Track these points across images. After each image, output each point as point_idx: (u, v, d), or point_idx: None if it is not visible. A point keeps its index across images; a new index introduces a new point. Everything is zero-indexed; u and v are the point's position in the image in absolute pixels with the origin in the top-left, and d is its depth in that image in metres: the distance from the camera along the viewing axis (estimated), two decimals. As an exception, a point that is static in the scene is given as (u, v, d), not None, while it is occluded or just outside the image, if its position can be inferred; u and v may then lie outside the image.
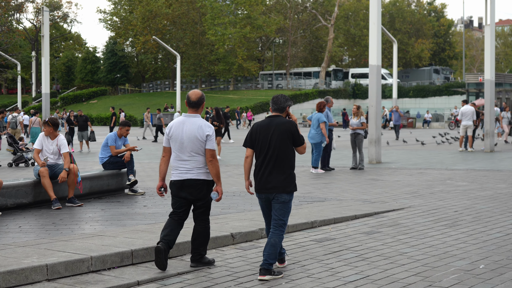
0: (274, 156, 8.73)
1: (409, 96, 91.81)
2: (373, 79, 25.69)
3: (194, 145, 8.80)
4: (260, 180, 8.78)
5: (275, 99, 9.02)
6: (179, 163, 8.92)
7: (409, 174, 20.90)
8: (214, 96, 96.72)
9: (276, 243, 8.67)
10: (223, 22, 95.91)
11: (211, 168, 8.83)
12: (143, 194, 15.87)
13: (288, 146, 8.79)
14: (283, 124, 8.80)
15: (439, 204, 14.19)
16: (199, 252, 9.12)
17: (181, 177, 8.93)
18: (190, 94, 8.97)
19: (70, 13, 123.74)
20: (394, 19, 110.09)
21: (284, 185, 8.71)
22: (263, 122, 8.93)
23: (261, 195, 8.85)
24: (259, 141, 8.84)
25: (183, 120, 8.92)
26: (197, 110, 8.97)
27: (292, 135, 8.79)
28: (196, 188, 8.89)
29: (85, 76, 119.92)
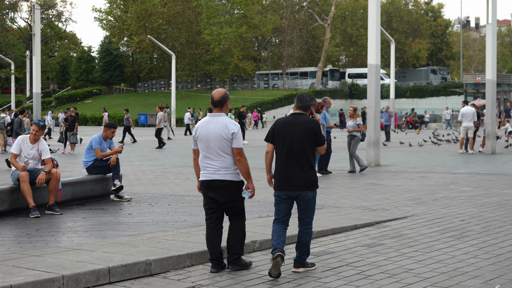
0: (296, 153, 8.74)
1: (406, 96, 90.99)
2: (372, 79, 24.81)
3: (221, 144, 8.73)
4: (282, 178, 8.78)
5: (300, 97, 9.02)
6: (207, 163, 8.84)
7: (410, 178, 20.02)
8: (209, 96, 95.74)
9: (307, 241, 8.86)
10: (218, 21, 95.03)
11: (240, 167, 8.78)
12: (129, 200, 14.96)
13: (310, 145, 8.79)
14: (307, 122, 8.82)
15: (444, 212, 13.30)
16: (236, 251, 8.90)
17: (208, 177, 8.82)
18: (213, 93, 8.94)
19: (64, 12, 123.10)
20: (391, 19, 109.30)
21: (307, 183, 8.72)
22: (286, 118, 8.97)
23: (282, 192, 8.78)
24: (280, 137, 8.83)
25: (208, 120, 8.87)
26: (221, 109, 8.87)
27: (314, 134, 8.81)
28: (223, 189, 8.77)
29: (80, 75, 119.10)
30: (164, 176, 21.16)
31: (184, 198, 15.28)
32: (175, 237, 10.28)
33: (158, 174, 22.07)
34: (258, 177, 19.38)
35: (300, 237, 8.89)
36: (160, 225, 11.55)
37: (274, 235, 8.82)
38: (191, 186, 17.92)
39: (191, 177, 20.85)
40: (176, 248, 9.39)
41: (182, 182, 19.13)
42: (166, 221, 11.97)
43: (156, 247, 9.45)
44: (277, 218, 8.93)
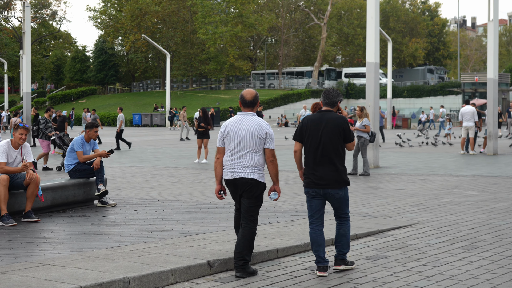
0: (326, 151, 8.69)
1: (403, 96, 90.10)
2: (371, 77, 23.90)
3: (253, 142, 8.65)
4: (313, 176, 8.74)
5: (326, 93, 8.98)
6: (233, 161, 8.73)
7: (411, 181, 19.10)
8: (205, 96, 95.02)
9: (346, 233, 8.86)
10: (214, 20, 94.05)
11: (271, 168, 8.72)
12: (114, 206, 14.02)
13: (339, 142, 8.74)
14: (335, 119, 8.77)
15: (450, 220, 12.38)
16: (243, 257, 8.64)
17: (233, 175, 8.71)
18: (244, 94, 8.86)
19: (59, 11, 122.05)
20: (388, 18, 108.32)
21: (337, 181, 8.70)
22: (314, 116, 8.87)
23: (312, 190, 8.75)
24: (309, 135, 8.77)
25: (240, 118, 8.78)
26: (253, 109, 8.84)
27: (343, 131, 8.76)
28: (248, 187, 8.67)
29: (74, 75, 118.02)
30: (154, 179, 20.24)
31: (172, 204, 14.34)
32: (158, 249, 9.36)
33: (148, 176, 21.15)
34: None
35: (339, 229, 8.94)
36: (144, 235, 10.62)
37: (313, 244, 8.82)
38: (181, 190, 17.00)
39: (182, 179, 19.95)
40: (158, 263, 8.46)
41: (172, 186, 18.21)
42: (151, 230, 11.04)
43: (136, 262, 8.52)
44: (310, 215, 8.92)
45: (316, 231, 8.85)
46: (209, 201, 14.74)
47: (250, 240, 8.73)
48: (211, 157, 28.12)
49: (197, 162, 26.13)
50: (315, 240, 8.81)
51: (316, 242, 8.79)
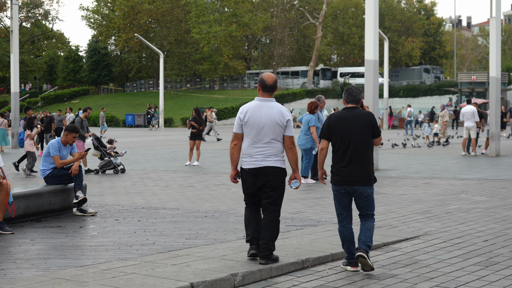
0: (356, 148, 8.63)
1: (399, 95, 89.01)
2: (370, 76, 22.82)
3: (275, 130, 8.50)
4: (342, 173, 8.65)
5: (350, 91, 8.90)
6: (255, 150, 8.55)
7: (414, 185, 18.00)
8: (199, 96, 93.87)
9: (371, 227, 8.77)
10: (208, 20, 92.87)
11: (291, 155, 8.60)
12: (94, 215, 12.88)
13: (369, 138, 8.71)
14: (364, 115, 8.75)
15: (461, 230, 11.28)
16: (269, 247, 8.54)
17: (257, 164, 8.52)
18: (265, 77, 8.69)
19: (51, 11, 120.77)
20: (383, 17, 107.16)
21: (367, 178, 8.66)
22: (341, 113, 8.79)
23: (341, 187, 8.69)
24: (338, 133, 8.67)
25: (260, 105, 8.58)
26: (272, 94, 8.69)
27: (372, 127, 8.73)
28: (273, 176, 8.53)
29: (67, 75, 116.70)
30: (142, 183, 19.14)
31: (158, 212, 13.23)
32: (136, 268, 8.23)
33: (135, 180, 20.06)
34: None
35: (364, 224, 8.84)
36: (122, 250, 9.50)
37: (344, 242, 8.79)
38: (168, 196, 15.89)
39: (172, 184, 18.86)
40: (134, 286, 7.34)
41: (160, 191, 17.09)
42: (130, 244, 9.92)
43: (108, 285, 7.40)
44: (338, 213, 8.88)
45: (347, 229, 8.78)
46: (197, 209, 13.64)
47: (276, 229, 8.64)
48: (202, 159, 27.02)
49: (189, 164, 24.99)
50: (347, 237, 8.75)
51: (348, 239, 8.74)
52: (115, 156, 22.62)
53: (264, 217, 8.66)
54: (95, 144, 22.59)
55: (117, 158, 22.64)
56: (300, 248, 9.55)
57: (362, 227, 8.81)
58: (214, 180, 19.71)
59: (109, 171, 22.56)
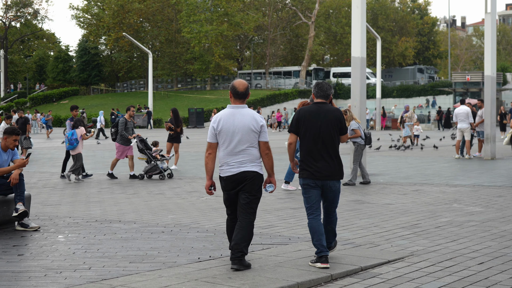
0: (325, 143, 8.72)
1: (392, 96, 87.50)
2: (357, 74, 21.31)
3: (249, 137, 8.45)
4: (312, 167, 8.70)
5: (320, 86, 8.96)
6: (231, 158, 8.49)
7: (402, 192, 16.49)
8: (190, 97, 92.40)
9: (333, 228, 9.03)
10: (199, 19, 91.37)
11: (267, 161, 8.56)
12: (37, 230, 11.35)
13: (337, 134, 8.82)
14: (333, 111, 8.85)
15: (453, 249, 9.75)
16: (241, 249, 8.35)
17: (234, 171, 8.46)
18: (236, 84, 8.60)
19: (40, 10, 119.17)
20: (377, 16, 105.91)
21: (337, 172, 8.79)
22: (311, 108, 8.84)
23: (311, 181, 8.72)
24: (308, 127, 8.74)
25: (233, 112, 8.52)
26: (244, 101, 8.60)
27: (340, 123, 8.84)
28: (251, 180, 8.45)
29: (57, 75, 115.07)
30: (109, 190, 17.66)
31: (110, 226, 11.70)
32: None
33: (104, 186, 18.62)
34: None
35: (326, 225, 8.97)
36: (47, 279, 7.97)
37: (314, 234, 8.69)
38: (130, 206, 14.38)
39: (141, 190, 17.42)
40: None
41: (124, 199, 15.59)
42: (60, 270, 8.40)
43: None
44: (308, 206, 8.81)
45: (316, 221, 8.74)
46: (157, 222, 12.12)
47: (249, 232, 8.48)
48: (182, 161, 25.54)
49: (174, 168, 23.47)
50: (317, 230, 8.69)
51: (317, 231, 8.69)
52: (161, 160, 20.87)
53: (239, 220, 8.50)
54: (140, 146, 20.89)
55: (163, 162, 20.92)
56: (259, 275, 8.02)
57: (326, 230, 8.93)
58: (188, 187, 18.21)
59: (155, 176, 20.95)
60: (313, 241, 8.71)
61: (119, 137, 21.39)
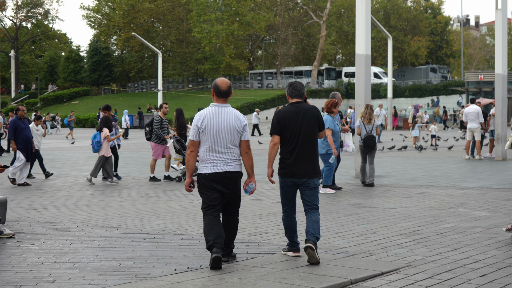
0: (305, 142, 8.87)
1: (405, 95, 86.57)
2: (361, 72, 20.57)
3: (232, 136, 8.56)
4: (291, 166, 8.86)
5: (294, 86, 9.09)
6: (214, 156, 8.58)
7: (406, 195, 15.71)
8: (201, 96, 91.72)
9: (317, 220, 8.92)
10: (209, 18, 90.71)
11: (247, 160, 8.67)
12: (11, 237, 10.67)
13: (316, 131, 8.98)
14: (311, 110, 9.00)
15: (453, 259, 8.98)
16: (229, 245, 8.77)
17: (218, 169, 8.54)
18: (219, 83, 8.69)
19: (51, 10, 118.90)
20: (389, 16, 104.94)
21: (315, 171, 8.94)
22: (290, 108, 8.97)
23: (289, 179, 8.88)
24: (288, 127, 8.87)
25: (217, 111, 8.61)
26: (227, 99, 8.67)
27: (318, 120, 9.02)
28: (233, 181, 8.60)
29: (68, 75, 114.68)
30: (102, 193, 17.02)
31: (91, 232, 11.01)
32: None
33: (98, 188, 17.99)
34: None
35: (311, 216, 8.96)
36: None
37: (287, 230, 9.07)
38: (118, 210, 13.69)
39: (135, 193, 16.79)
40: None
41: (114, 203, 14.92)
42: (20, 284, 7.64)
43: None
44: (284, 203, 9.06)
45: (291, 219, 9.03)
46: (141, 228, 11.42)
47: (236, 228, 8.84)
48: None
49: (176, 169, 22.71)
50: (290, 227, 9.01)
51: (291, 228, 9.00)
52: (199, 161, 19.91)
53: (225, 219, 8.75)
54: (177, 147, 19.88)
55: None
56: (237, 290, 7.31)
57: (309, 220, 8.90)
58: (184, 190, 17.47)
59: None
60: (285, 234, 9.07)
61: (154, 136, 20.28)
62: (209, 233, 8.39)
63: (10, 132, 19.34)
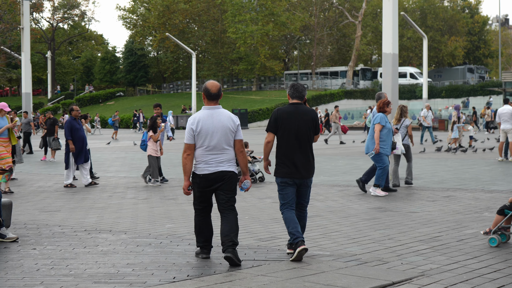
0: (302, 142, 9.09)
1: (441, 96, 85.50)
2: (388, 72, 20.05)
3: (227, 137, 8.71)
4: (291, 166, 9.04)
5: (295, 87, 9.25)
6: (209, 157, 8.71)
7: (431, 199, 15.16)
8: (235, 97, 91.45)
9: (305, 224, 9.40)
10: (244, 19, 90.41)
11: (242, 159, 8.85)
12: (15, 241, 10.35)
13: (312, 134, 9.20)
14: (309, 112, 9.23)
15: (472, 268, 8.46)
16: (232, 239, 8.63)
17: (212, 170, 8.68)
18: (209, 86, 8.80)
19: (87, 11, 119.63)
20: (425, 16, 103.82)
21: (312, 170, 9.22)
22: (288, 108, 9.14)
23: (289, 179, 9.06)
24: (286, 127, 9.05)
25: (210, 113, 8.75)
26: (217, 102, 8.83)
27: (315, 124, 9.23)
28: (228, 181, 8.71)
29: (103, 76, 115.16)
30: (121, 195, 16.69)
31: (98, 237, 10.64)
32: None
33: (118, 190, 17.69)
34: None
35: (301, 221, 9.29)
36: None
37: (290, 223, 8.99)
38: (131, 213, 13.30)
39: (154, 196, 16.40)
40: None
41: (130, 206, 14.54)
42: (10, 292, 7.35)
43: None
44: (285, 202, 9.14)
45: (291, 213, 9.10)
46: (149, 232, 11.04)
47: (236, 224, 8.76)
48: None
49: None
50: (292, 219, 9.04)
51: (293, 221, 9.02)
52: (253, 162, 19.22)
53: (224, 216, 8.78)
54: None
55: (254, 164, 19.20)
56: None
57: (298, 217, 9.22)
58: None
59: None
60: (288, 229, 8.99)
61: None
62: (199, 235, 8.90)
63: (66, 133, 19.05)
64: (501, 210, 10.07)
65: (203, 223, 8.89)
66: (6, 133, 16.92)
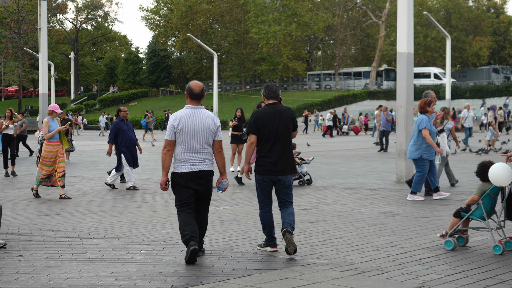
0: (282, 141, 9.35)
1: (465, 97, 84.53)
2: (403, 72, 19.50)
3: (207, 136, 8.92)
4: (268, 163, 9.29)
5: (270, 88, 9.51)
6: (190, 155, 8.89)
7: (444, 203, 14.61)
8: (258, 98, 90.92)
9: (292, 212, 9.44)
10: (267, 19, 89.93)
11: (220, 159, 9.07)
12: (2, 247, 9.96)
13: (291, 131, 9.48)
14: (286, 110, 9.48)
15: (476, 279, 7.94)
16: (202, 240, 9.27)
17: (193, 168, 8.87)
18: (192, 86, 9.08)
19: (110, 12, 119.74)
20: (450, 15, 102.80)
21: (290, 168, 9.42)
22: (267, 109, 9.40)
23: (266, 176, 9.33)
24: (266, 127, 9.31)
25: (193, 113, 8.95)
26: (200, 102, 9.11)
27: (293, 121, 9.48)
28: (207, 179, 8.97)
29: (127, 77, 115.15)
30: (127, 197, 16.31)
31: (89, 243, 10.22)
32: None
33: (124, 193, 17.30)
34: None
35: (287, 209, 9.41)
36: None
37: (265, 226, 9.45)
38: (129, 217, 12.90)
39: (159, 199, 16.00)
40: None
41: (133, 209, 14.14)
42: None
43: None
44: (262, 200, 9.45)
45: (268, 214, 9.44)
46: (143, 238, 10.61)
47: (205, 225, 9.30)
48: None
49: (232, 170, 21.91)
50: (269, 222, 9.44)
51: (269, 224, 9.44)
52: (301, 164, 18.57)
53: (198, 217, 9.09)
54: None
55: (302, 166, 18.58)
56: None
57: (284, 213, 9.36)
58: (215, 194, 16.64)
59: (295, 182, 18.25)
60: (264, 231, 9.47)
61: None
62: (185, 228, 8.75)
63: (111, 135, 18.56)
64: (458, 213, 9.97)
65: (188, 219, 8.87)
66: (57, 136, 16.53)
